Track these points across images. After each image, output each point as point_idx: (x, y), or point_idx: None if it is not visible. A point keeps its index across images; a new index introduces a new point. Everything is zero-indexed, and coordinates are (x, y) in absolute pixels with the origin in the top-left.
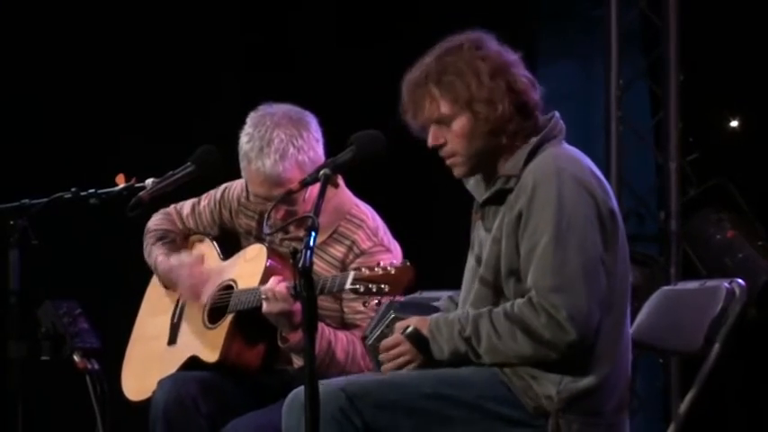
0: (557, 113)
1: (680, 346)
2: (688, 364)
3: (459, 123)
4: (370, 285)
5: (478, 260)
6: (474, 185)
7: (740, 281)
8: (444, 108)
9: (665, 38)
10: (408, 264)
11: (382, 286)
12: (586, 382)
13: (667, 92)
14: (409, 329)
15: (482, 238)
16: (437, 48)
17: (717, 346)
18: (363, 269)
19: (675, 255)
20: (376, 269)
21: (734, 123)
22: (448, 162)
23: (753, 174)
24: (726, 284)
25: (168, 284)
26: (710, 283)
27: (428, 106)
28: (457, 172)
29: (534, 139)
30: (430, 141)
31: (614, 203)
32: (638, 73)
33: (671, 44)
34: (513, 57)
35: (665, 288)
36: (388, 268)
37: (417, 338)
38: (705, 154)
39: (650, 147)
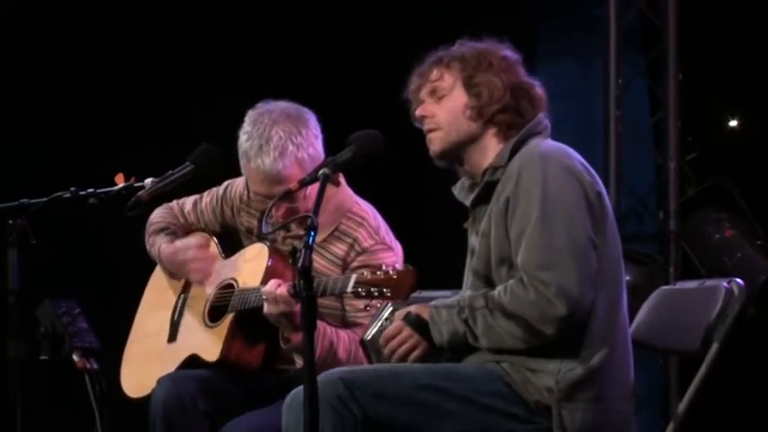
0: (541, 114)
1: (679, 346)
2: (687, 364)
3: (456, 99)
4: (371, 289)
5: (472, 253)
6: (460, 191)
7: (739, 280)
8: (447, 79)
9: (664, 37)
10: (411, 267)
11: (384, 290)
12: (585, 367)
13: (666, 91)
14: (410, 315)
15: (473, 243)
16: (463, 40)
17: (715, 346)
18: (365, 272)
19: (674, 254)
20: (378, 272)
21: (733, 123)
22: (428, 136)
23: (752, 173)
24: (725, 284)
25: (173, 269)
26: (709, 282)
27: (433, 75)
28: (433, 148)
29: (519, 133)
30: (419, 111)
31: (601, 187)
32: (638, 72)
33: (670, 43)
34: (530, 79)
35: (664, 288)
36: (390, 272)
37: (418, 323)
38: (704, 153)
39: (649, 146)
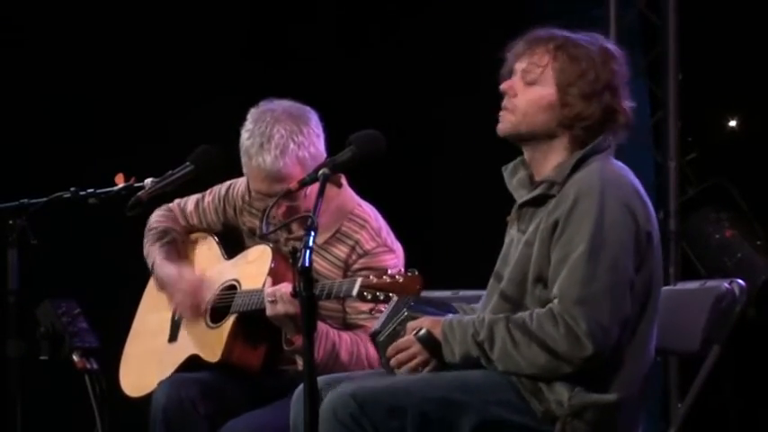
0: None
1: (679, 346)
2: (687, 364)
3: (544, 91)
4: (377, 293)
5: (499, 277)
6: (516, 185)
7: (739, 281)
8: (548, 71)
9: (663, 37)
10: (417, 273)
11: (390, 294)
12: (604, 397)
13: (666, 91)
14: (421, 332)
15: (513, 238)
16: (579, 32)
17: (716, 347)
18: (371, 276)
19: (674, 254)
20: (384, 277)
21: (732, 123)
22: (502, 111)
23: (751, 173)
24: (725, 284)
25: (163, 289)
26: (710, 283)
27: (537, 58)
28: (501, 126)
29: (584, 149)
30: (505, 85)
31: (653, 225)
32: (637, 72)
33: (670, 44)
34: (627, 81)
35: (665, 288)
36: (396, 276)
37: (429, 341)
38: (704, 153)
39: (649, 146)
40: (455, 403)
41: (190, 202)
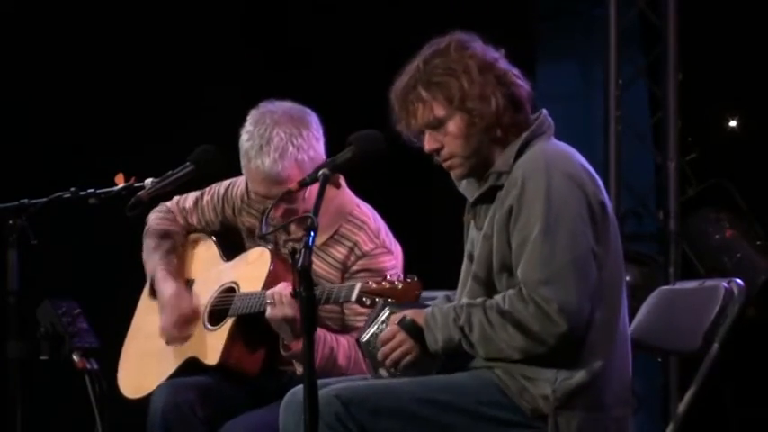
0: (544, 111)
1: (678, 346)
2: (687, 364)
3: (455, 124)
4: (376, 299)
5: (471, 257)
6: (465, 186)
7: (739, 280)
8: (438, 110)
9: (664, 37)
10: (416, 278)
11: (389, 300)
12: (581, 376)
13: (666, 91)
14: (405, 320)
15: (474, 237)
16: (422, 52)
17: (715, 346)
18: (370, 282)
19: (674, 254)
20: (383, 282)
21: (733, 123)
22: (446, 165)
23: (751, 173)
24: (724, 284)
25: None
26: (709, 282)
27: (421, 111)
28: (456, 173)
29: (524, 135)
30: (427, 147)
31: (605, 196)
32: (638, 72)
33: (670, 44)
34: (496, 54)
35: (664, 288)
36: (396, 282)
37: (413, 328)
38: (704, 153)
39: (649, 146)
40: (443, 403)
41: (189, 199)
